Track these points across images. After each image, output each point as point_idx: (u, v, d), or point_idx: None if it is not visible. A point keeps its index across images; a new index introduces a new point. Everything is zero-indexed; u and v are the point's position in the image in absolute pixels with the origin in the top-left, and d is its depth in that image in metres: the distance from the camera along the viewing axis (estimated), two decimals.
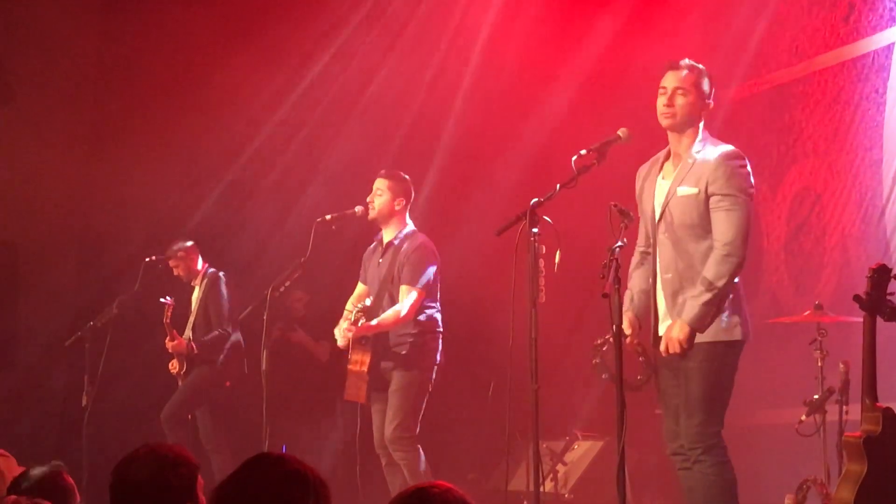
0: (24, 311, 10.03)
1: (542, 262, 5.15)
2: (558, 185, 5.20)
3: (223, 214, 9.84)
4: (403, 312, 6.97)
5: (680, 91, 5.36)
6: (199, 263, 9.02)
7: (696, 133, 5.37)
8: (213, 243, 9.53)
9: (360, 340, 7.02)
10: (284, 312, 9.53)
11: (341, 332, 7.10)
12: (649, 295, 5.41)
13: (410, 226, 7.26)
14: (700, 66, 5.45)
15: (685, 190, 5.27)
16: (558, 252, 5.14)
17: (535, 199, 5.22)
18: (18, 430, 9.30)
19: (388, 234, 7.24)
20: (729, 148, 5.34)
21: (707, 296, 5.13)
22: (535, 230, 5.16)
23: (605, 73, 9.19)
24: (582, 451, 8.50)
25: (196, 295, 8.97)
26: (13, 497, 3.48)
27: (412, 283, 7.02)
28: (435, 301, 7.17)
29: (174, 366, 8.84)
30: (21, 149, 10.06)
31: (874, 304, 5.10)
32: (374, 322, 6.95)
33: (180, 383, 8.85)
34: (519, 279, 5.12)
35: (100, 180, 10.19)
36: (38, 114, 10.04)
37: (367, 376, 6.99)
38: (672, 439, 5.32)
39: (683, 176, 5.31)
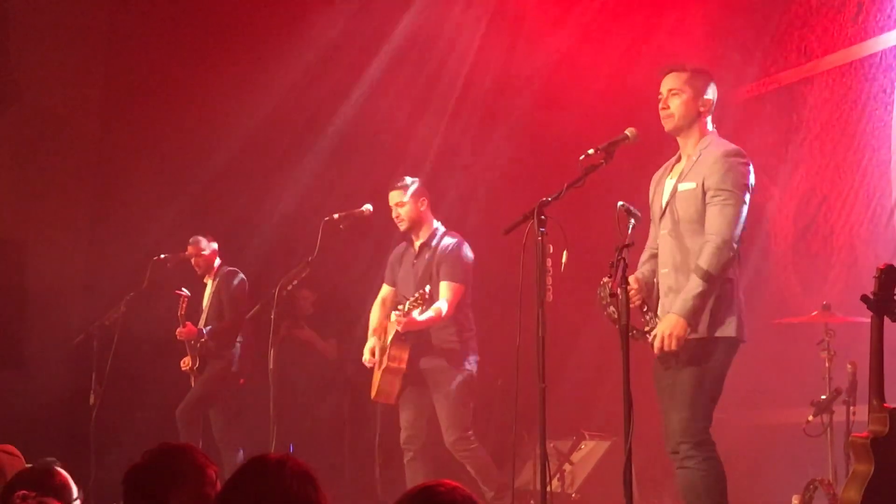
0: (32, 310, 10.04)
1: (549, 262, 5.15)
2: (566, 185, 5.20)
3: (231, 215, 9.84)
4: (445, 307, 7.01)
5: (673, 92, 5.41)
6: (217, 261, 9.06)
7: (700, 132, 5.41)
8: (221, 244, 9.52)
9: (401, 336, 7.00)
10: (292, 311, 9.54)
11: (371, 349, 7.11)
12: (653, 284, 5.44)
13: (440, 225, 7.32)
14: (695, 65, 5.48)
15: (686, 185, 5.32)
16: (565, 252, 5.14)
17: (543, 199, 5.22)
18: (26, 428, 9.31)
19: (420, 236, 7.28)
20: (731, 146, 5.35)
21: (701, 286, 5.11)
22: (542, 230, 5.15)
23: (610, 75, 9.19)
24: (589, 451, 8.50)
25: (209, 290, 8.99)
26: (23, 492, 3.48)
27: (452, 278, 7.07)
28: (469, 300, 7.22)
29: (186, 363, 8.83)
30: (28, 147, 10.08)
31: (882, 304, 5.09)
32: (419, 318, 6.90)
33: (193, 381, 8.84)
34: (526, 278, 5.13)
35: (107, 179, 10.21)
36: (46, 112, 10.05)
37: (404, 373, 7.01)
38: (670, 438, 5.33)
39: (686, 172, 5.36)
